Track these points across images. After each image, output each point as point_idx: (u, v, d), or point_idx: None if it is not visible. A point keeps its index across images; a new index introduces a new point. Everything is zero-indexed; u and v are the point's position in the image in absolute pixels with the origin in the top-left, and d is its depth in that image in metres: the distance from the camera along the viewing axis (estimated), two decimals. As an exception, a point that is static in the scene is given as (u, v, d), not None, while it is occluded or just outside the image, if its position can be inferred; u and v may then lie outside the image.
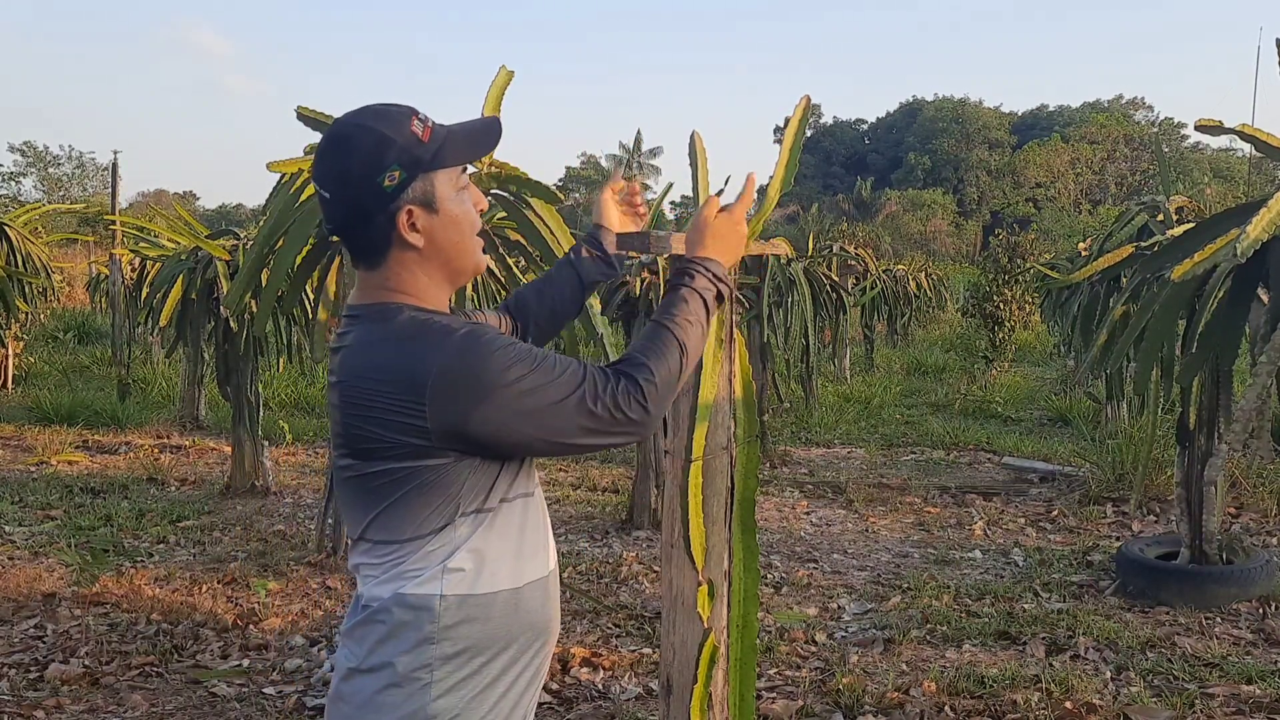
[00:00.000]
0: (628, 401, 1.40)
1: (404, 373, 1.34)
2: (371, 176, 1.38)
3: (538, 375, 1.35)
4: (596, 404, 1.37)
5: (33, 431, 8.37)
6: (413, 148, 1.39)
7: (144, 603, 4.33)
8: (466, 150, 1.46)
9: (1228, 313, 3.81)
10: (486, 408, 1.33)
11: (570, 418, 1.36)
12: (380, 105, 1.44)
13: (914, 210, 51.36)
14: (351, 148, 1.39)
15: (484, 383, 1.33)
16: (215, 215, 53.49)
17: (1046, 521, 5.94)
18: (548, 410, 1.35)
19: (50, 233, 13.93)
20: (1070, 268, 9.12)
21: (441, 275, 1.47)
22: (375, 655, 1.40)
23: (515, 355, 1.35)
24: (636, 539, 5.55)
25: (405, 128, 1.39)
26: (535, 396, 1.34)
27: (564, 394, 1.36)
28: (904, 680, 3.58)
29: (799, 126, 1.96)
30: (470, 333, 1.35)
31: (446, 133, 1.44)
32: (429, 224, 1.42)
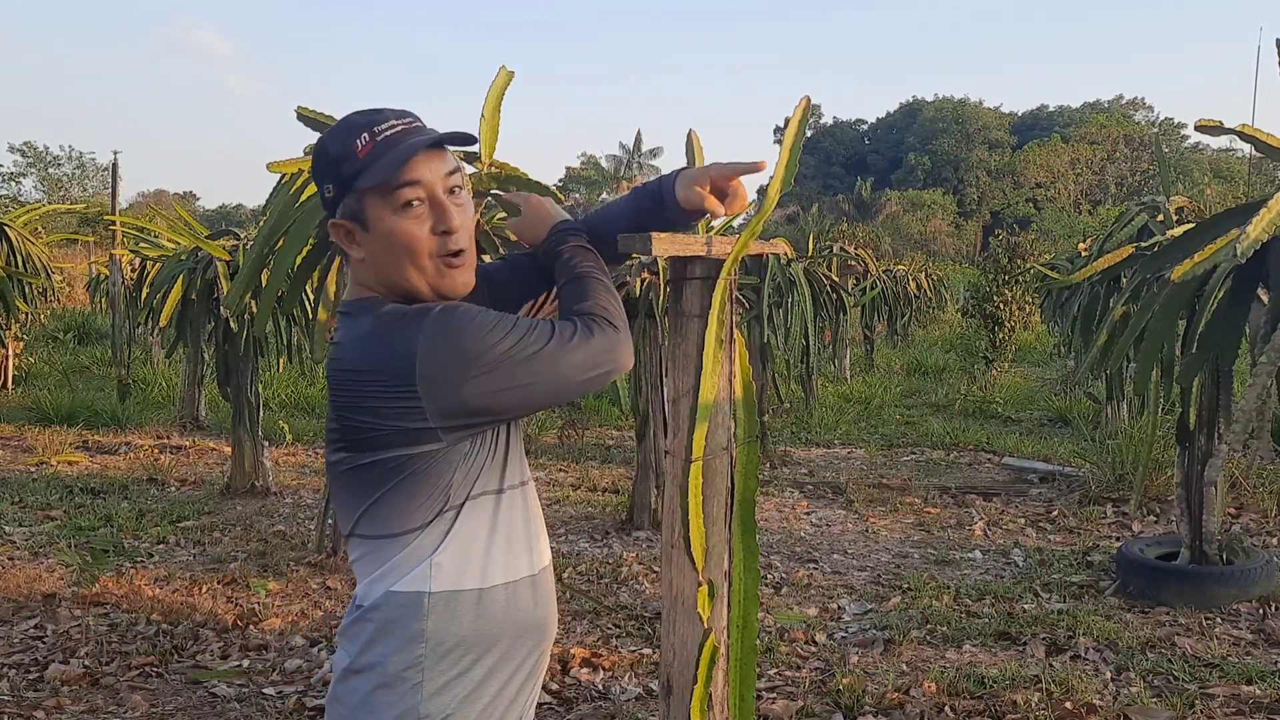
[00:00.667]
0: (599, 326, 1.44)
1: (391, 361, 1.35)
2: (320, 186, 1.46)
3: (515, 333, 1.37)
4: (574, 338, 1.41)
5: (33, 432, 8.37)
6: (342, 163, 1.41)
7: (144, 603, 4.33)
8: (386, 169, 1.38)
9: (1228, 313, 3.81)
10: (478, 377, 1.35)
11: (558, 360, 1.39)
12: (355, 114, 1.44)
13: (914, 210, 51.36)
14: (315, 156, 1.47)
15: (469, 353, 1.35)
16: (215, 215, 53.52)
17: (1046, 522, 5.94)
18: (535, 360, 1.38)
19: (50, 233, 13.92)
20: (1070, 268, 9.11)
21: (391, 284, 1.46)
22: (367, 655, 1.41)
23: (489, 321, 1.37)
24: (636, 539, 5.55)
25: (348, 141, 1.40)
26: (519, 352, 1.37)
27: (543, 343, 1.39)
28: (904, 680, 3.58)
29: (799, 127, 1.96)
30: (443, 310, 1.38)
31: (388, 148, 1.39)
32: (363, 239, 1.44)
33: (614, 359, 1.45)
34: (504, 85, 3.18)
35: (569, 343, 1.41)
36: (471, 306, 1.41)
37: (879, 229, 38.13)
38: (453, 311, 1.38)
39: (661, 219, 1.66)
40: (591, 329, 1.44)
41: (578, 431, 8.69)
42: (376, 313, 1.42)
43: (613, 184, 61.52)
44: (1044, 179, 54.12)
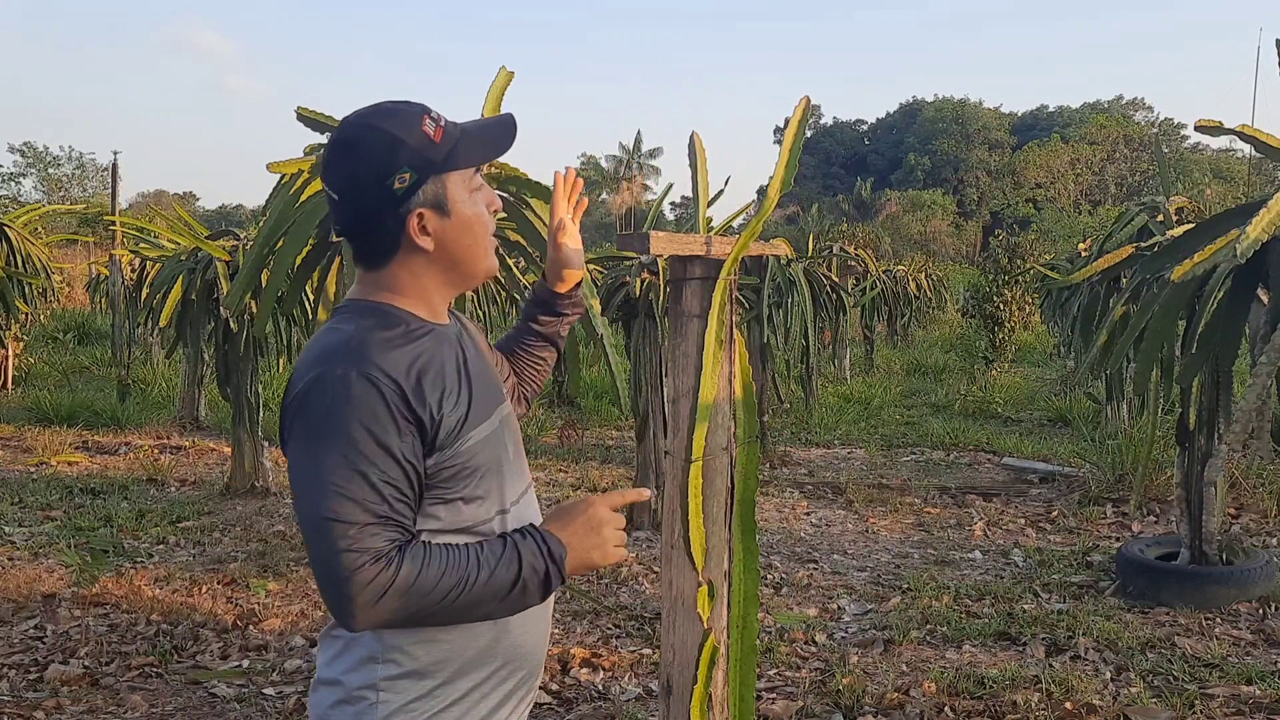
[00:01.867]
0: (361, 589, 1.21)
1: (303, 375, 1.29)
2: (381, 179, 1.33)
3: (345, 474, 1.22)
4: (341, 558, 1.21)
5: (33, 432, 8.37)
6: (424, 148, 1.33)
7: (144, 603, 4.33)
8: (481, 150, 1.40)
9: (1228, 313, 3.81)
10: (294, 449, 1.27)
11: (320, 537, 1.23)
12: (390, 103, 1.38)
13: (914, 211, 51.36)
14: (361, 149, 1.34)
15: (308, 429, 1.25)
16: (215, 215, 53.53)
17: (1046, 522, 5.94)
18: (317, 510, 1.23)
19: (50, 233, 13.93)
20: (1070, 268, 9.11)
21: (447, 278, 1.41)
22: (330, 669, 1.37)
23: (353, 439, 1.23)
24: (636, 539, 5.55)
25: (416, 127, 1.34)
26: (321, 484, 1.22)
27: (335, 514, 1.22)
28: (904, 681, 3.58)
29: (799, 127, 1.96)
30: (358, 378, 1.24)
31: (460, 132, 1.38)
32: (440, 227, 1.36)
33: (333, 604, 1.24)
34: (504, 85, 3.18)
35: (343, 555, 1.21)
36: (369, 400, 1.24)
37: (879, 229, 38.14)
38: (356, 392, 1.24)
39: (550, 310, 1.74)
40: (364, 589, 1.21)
41: (578, 432, 8.69)
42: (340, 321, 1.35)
43: (613, 184, 61.48)
44: (1044, 179, 54.11)
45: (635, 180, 60.95)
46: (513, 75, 3.30)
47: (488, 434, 1.40)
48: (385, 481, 1.24)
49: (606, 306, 5.62)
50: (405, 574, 1.23)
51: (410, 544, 1.27)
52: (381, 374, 1.26)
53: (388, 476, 1.25)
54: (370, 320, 1.34)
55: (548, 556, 1.34)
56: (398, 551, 1.24)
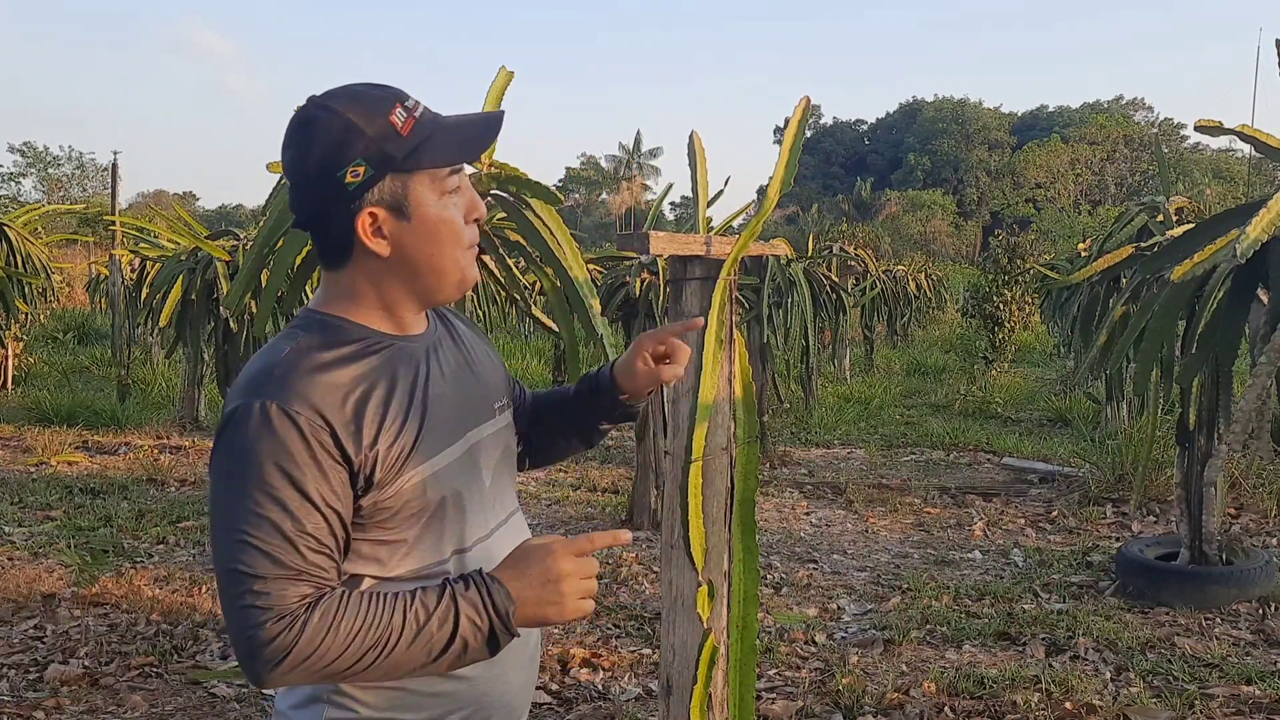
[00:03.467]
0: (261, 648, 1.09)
1: (224, 409, 1.18)
2: (331, 169, 1.18)
3: (255, 521, 1.11)
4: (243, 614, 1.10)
5: (32, 432, 8.37)
6: (385, 140, 1.18)
7: (144, 603, 4.33)
8: (454, 150, 1.24)
9: (1227, 313, 3.81)
10: (211, 483, 1.16)
11: (225, 587, 1.12)
12: (362, 85, 1.22)
13: (914, 211, 51.37)
14: (314, 133, 1.18)
15: (222, 467, 1.15)
16: (215, 216, 53.53)
17: (1046, 522, 5.94)
18: (224, 557, 1.12)
19: (50, 233, 13.92)
20: (1070, 268, 9.11)
21: (411, 289, 1.26)
22: (282, 699, 1.29)
23: (267, 483, 1.11)
24: (636, 539, 5.55)
25: (381, 116, 1.18)
26: (230, 529, 1.11)
27: (241, 564, 1.11)
28: (904, 681, 3.58)
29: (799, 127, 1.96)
30: (278, 413, 1.12)
31: (435, 126, 1.22)
32: (397, 230, 1.21)
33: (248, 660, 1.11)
34: (503, 86, 3.18)
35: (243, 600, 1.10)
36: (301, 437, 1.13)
37: (879, 229, 38.13)
38: (275, 423, 1.12)
39: (597, 408, 1.54)
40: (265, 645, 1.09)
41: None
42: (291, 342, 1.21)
43: (612, 184, 61.48)
44: (1044, 179, 54.10)
45: (635, 180, 60.97)
46: (512, 75, 3.30)
47: (443, 466, 1.25)
48: (300, 533, 1.12)
49: (606, 306, 5.62)
50: (309, 636, 1.09)
51: (322, 600, 1.12)
52: (306, 407, 1.13)
53: (302, 527, 1.12)
54: (314, 338, 1.21)
55: (491, 611, 1.15)
56: (305, 610, 1.10)
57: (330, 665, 1.11)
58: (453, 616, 1.14)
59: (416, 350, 1.28)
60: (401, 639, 1.12)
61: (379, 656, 1.12)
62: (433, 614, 1.14)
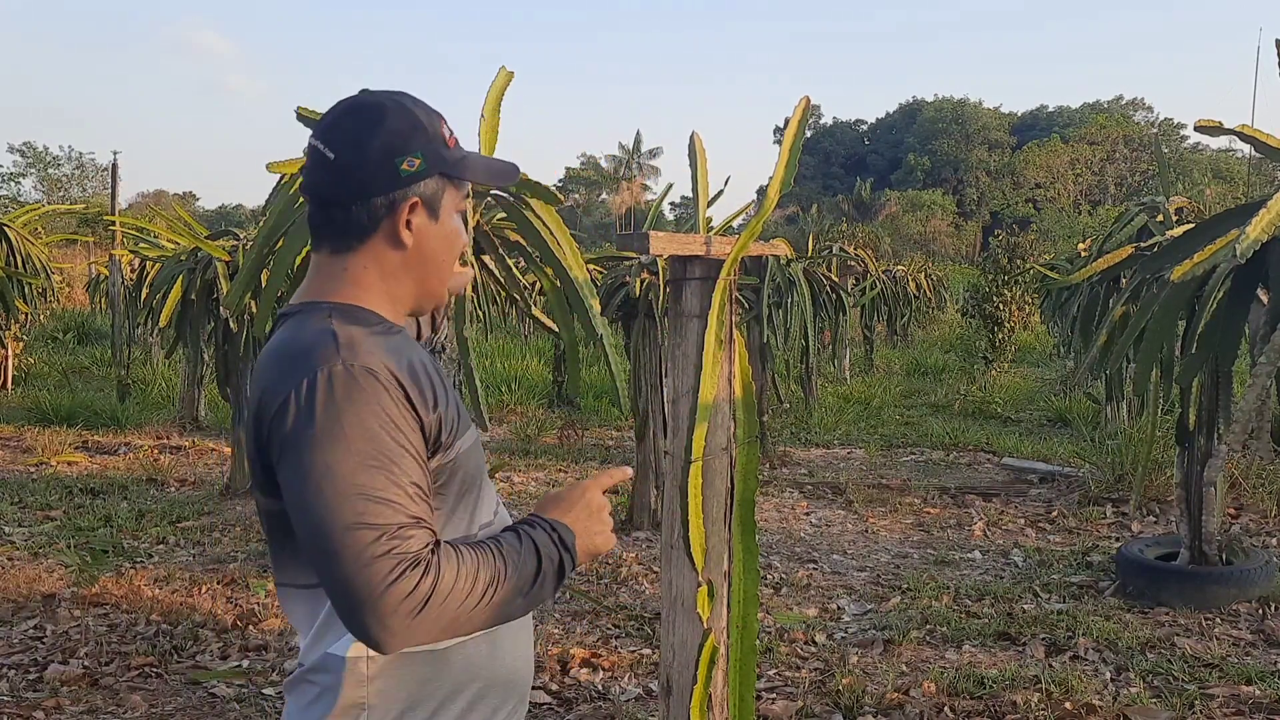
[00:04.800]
0: (399, 603, 1.09)
1: (282, 383, 1.16)
2: (392, 154, 1.24)
3: (367, 474, 1.11)
4: (373, 570, 1.09)
5: (32, 432, 8.37)
6: (439, 144, 1.29)
7: (144, 603, 4.33)
8: (484, 174, 1.39)
9: (1227, 313, 3.81)
10: (295, 462, 1.13)
11: (344, 550, 1.10)
12: (414, 99, 1.33)
13: (914, 211, 51.38)
14: (382, 118, 1.26)
15: (313, 434, 1.12)
16: (215, 216, 53.50)
17: (1046, 522, 5.94)
18: (337, 520, 1.10)
19: (50, 233, 13.93)
20: (1070, 268, 9.11)
21: (409, 289, 1.31)
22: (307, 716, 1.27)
23: (369, 436, 1.12)
24: (636, 540, 5.55)
25: (438, 124, 1.31)
26: (339, 491, 1.10)
27: (362, 520, 1.10)
28: (904, 681, 3.58)
29: (798, 127, 1.96)
30: (361, 371, 1.15)
31: (465, 151, 1.36)
32: (424, 227, 1.28)
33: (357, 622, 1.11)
34: (503, 86, 3.17)
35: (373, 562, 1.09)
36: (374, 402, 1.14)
37: (879, 229, 38.13)
38: (352, 382, 1.14)
39: None
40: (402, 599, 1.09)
41: (577, 432, 8.69)
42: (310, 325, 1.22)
43: (613, 184, 61.49)
44: (1044, 179, 54.13)
45: (635, 180, 60.96)
46: (512, 75, 3.30)
47: (471, 442, 1.32)
48: (410, 482, 1.14)
49: (606, 307, 5.62)
50: (446, 578, 1.12)
51: (440, 546, 1.15)
52: (379, 365, 1.17)
53: (410, 476, 1.14)
54: (342, 316, 1.23)
55: (560, 544, 1.26)
56: (432, 554, 1.13)
57: (459, 608, 1.14)
58: (532, 550, 1.23)
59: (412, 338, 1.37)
60: (507, 573, 1.19)
61: (494, 593, 1.17)
62: (520, 551, 1.22)
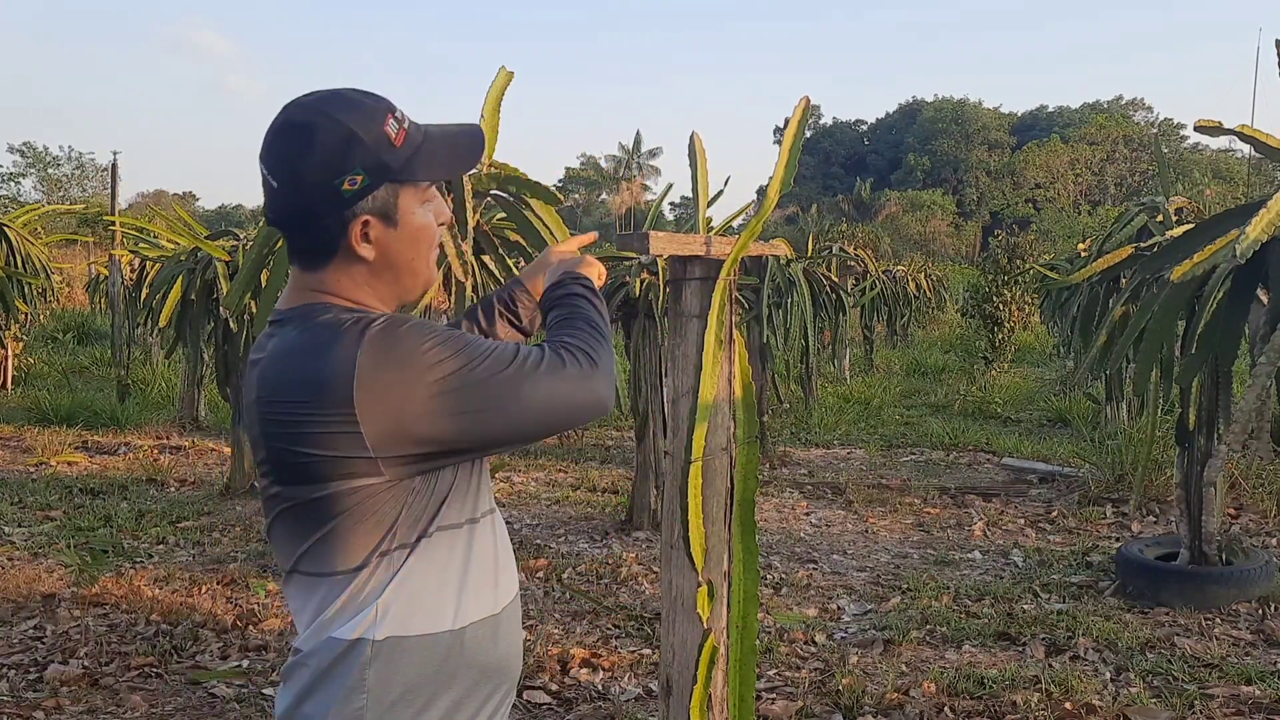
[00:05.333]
0: (573, 357, 1.28)
1: (327, 380, 1.18)
2: (330, 177, 1.21)
3: (469, 351, 1.21)
4: (542, 365, 1.25)
5: (32, 432, 8.37)
6: (381, 150, 1.22)
7: (143, 604, 4.33)
8: (444, 165, 1.31)
9: (1227, 313, 3.81)
10: (426, 399, 1.18)
11: (519, 386, 1.22)
12: (353, 93, 1.25)
13: (913, 211, 51.36)
14: (312, 138, 1.20)
15: (416, 370, 1.18)
16: (215, 216, 53.49)
17: (1046, 522, 5.94)
18: (492, 384, 1.20)
19: (50, 233, 13.93)
20: (1070, 268, 9.12)
21: (387, 290, 1.31)
22: (305, 705, 1.28)
23: (440, 336, 1.21)
24: (636, 540, 5.55)
25: (377, 126, 1.23)
26: (473, 373, 1.20)
27: (503, 365, 1.22)
28: (904, 681, 3.58)
29: (798, 127, 1.96)
30: (389, 322, 1.21)
31: (423, 138, 1.28)
32: (384, 237, 1.26)
33: (589, 393, 1.27)
34: (503, 86, 3.18)
35: (536, 369, 1.23)
36: (421, 320, 1.26)
37: (878, 229, 38.13)
38: (399, 324, 1.21)
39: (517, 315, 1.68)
40: (563, 358, 1.27)
41: (577, 432, 8.69)
42: (315, 322, 1.24)
43: (613, 184, 61.48)
44: (1043, 179, 54.13)
45: (635, 180, 60.95)
46: (512, 75, 3.30)
47: None
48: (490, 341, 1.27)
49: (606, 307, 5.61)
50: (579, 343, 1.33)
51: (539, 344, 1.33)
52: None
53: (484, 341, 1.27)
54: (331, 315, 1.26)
55: (572, 278, 1.51)
56: (552, 347, 1.31)
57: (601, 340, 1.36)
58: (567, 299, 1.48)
59: None
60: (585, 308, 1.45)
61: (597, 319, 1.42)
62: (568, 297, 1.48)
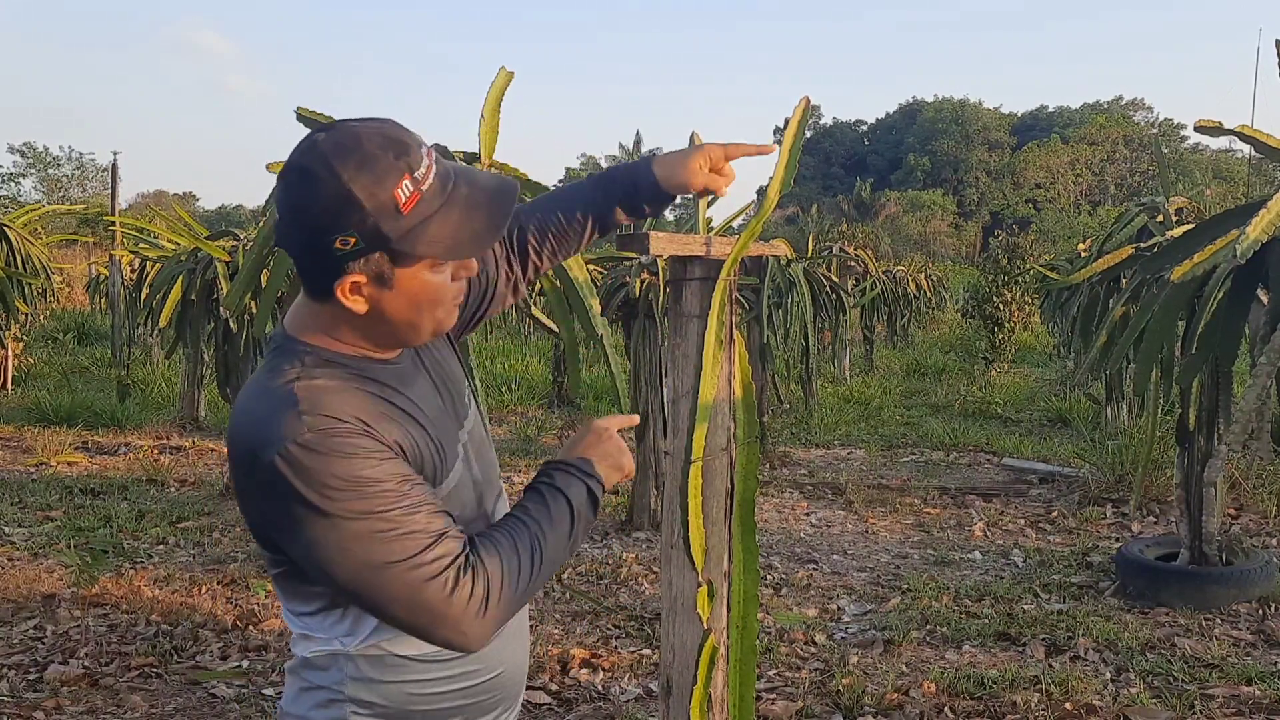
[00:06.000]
0: (473, 588, 1.16)
1: (249, 446, 1.15)
2: (321, 234, 1.13)
3: (379, 510, 1.13)
4: (434, 580, 1.14)
5: (32, 432, 8.37)
6: (382, 217, 1.12)
7: (144, 604, 4.33)
8: (447, 244, 1.17)
9: (1227, 314, 3.81)
10: (303, 538, 1.14)
11: (391, 585, 1.14)
12: (377, 142, 1.14)
13: (914, 211, 51.37)
14: (313, 190, 1.13)
15: (307, 510, 1.12)
16: (215, 216, 53.50)
17: (1046, 522, 5.94)
18: (370, 563, 1.13)
19: (50, 234, 13.92)
20: (1070, 269, 9.11)
21: (382, 338, 1.25)
22: (296, 704, 1.32)
23: (360, 478, 1.12)
24: (636, 540, 5.55)
25: (385, 189, 1.12)
26: (358, 538, 1.12)
27: (395, 553, 1.13)
28: (904, 681, 3.58)
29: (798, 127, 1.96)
30: (323, 423, 1.13)
31: (439, 205, 1.16)
32: (376, 295, 1.19)
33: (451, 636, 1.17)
34: (503, 86, 3.18)
35: (424, 581, 1.13)
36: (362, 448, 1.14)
37: (879, 230, 38.15)
38: (331, 439, 1.13)
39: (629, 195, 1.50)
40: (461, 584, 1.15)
41: (577, 432, 8.69)
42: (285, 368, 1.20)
43: (612, 184, 61.52)
44: (1044, 180, 54.14)
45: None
46: (512, 76, 3.30)
47: (457, 483, 1.31)
48: (415, 503, 1.16)
49: (606, 307, 5.62)
50: (494, 568, 1.18)
51: (473, 542, 1.20)
52: (345, 414, 1.16)
53: (411, 496, 1.16)
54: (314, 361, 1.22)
55: (581, 474, 1.33)
56: (470, 554, 1.18)
57: (518, 584, 1.20)
58: (557, 495, 1.29)
59: (403, 369, 1.30)
60: (545, 531, 1.25)
61: (541, 554, 1.24)
62: (546, 502, 1.28)
